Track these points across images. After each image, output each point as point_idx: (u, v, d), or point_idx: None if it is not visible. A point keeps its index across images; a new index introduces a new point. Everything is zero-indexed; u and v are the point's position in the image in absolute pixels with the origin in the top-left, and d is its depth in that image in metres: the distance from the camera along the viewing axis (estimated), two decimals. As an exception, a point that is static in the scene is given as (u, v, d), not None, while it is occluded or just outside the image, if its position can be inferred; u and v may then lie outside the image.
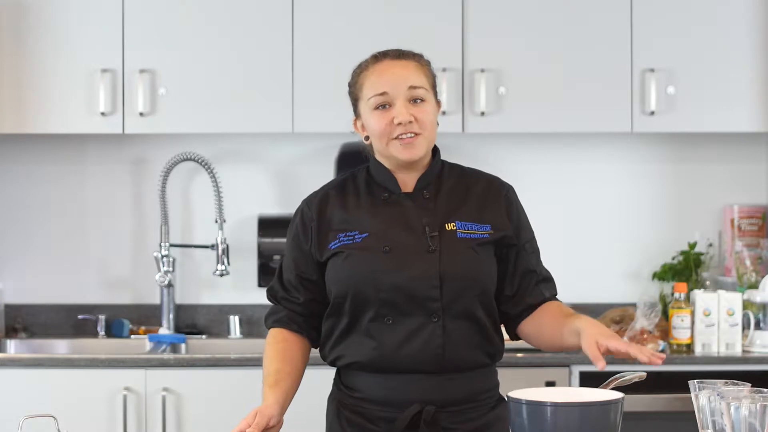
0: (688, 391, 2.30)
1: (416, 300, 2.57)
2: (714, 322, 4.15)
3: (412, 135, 2.62)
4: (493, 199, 2.75)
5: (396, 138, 2.63)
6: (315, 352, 2.83)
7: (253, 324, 4.60)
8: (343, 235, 2.64)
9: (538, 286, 2.72)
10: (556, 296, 2.75)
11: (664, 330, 4.22)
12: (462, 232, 2.66)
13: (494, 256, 2.67)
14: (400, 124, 2.61)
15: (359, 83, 2.70)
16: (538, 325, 2.68)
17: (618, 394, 2.27)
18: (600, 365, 2.38)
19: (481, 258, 2.65)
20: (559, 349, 2.65)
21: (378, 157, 2.72)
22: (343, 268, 2.61)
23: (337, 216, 2.68)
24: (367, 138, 2.72)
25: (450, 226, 2.66)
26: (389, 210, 2.67)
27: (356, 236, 2.63)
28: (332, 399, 2.78)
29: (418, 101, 2.64)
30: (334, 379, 2.79)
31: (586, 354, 2.41)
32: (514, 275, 2.69)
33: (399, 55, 2.71)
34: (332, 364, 2.75)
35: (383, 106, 2.64)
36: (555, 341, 2.62)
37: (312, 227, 2.68)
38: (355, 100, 2.74)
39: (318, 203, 2.71)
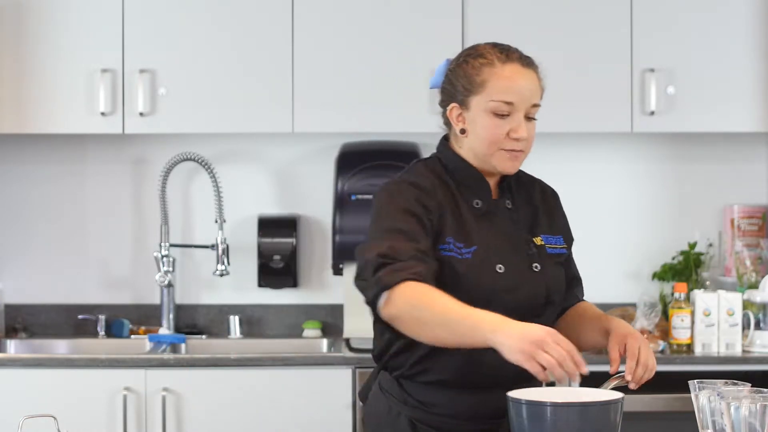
0: (688, 391, 2.30)
1: (524, 320, 2.35)
2: (714, 322, 4.15)
3: (520, 151, 2.54)
4: (554, 206, 2.73)
5: (504, 149, 2.53)
6: (314, 353, 2.81)
7: (253, 324, 4.60)
8: (453, 242, 2.50)
9: (575, 290, 2.72)
10: (584, 297, 2.77)
11: (664, 330, 4.22)
12: (549, 248, 2.62)
13: None
14: (516, 140, 2.52)
15: (482, 77, 2.53)
16: (569, 324, 2.66)
17: (618, 394, 2.27)
18: (612, 368, 2.47)
19: (564, 275, 2.64)
20: (585, 349, 2.58)
21: (464, 154, 2.59)
22: (454, 287, 2.43)
23: (446, 216, 2.53)
24: (462, 131, 2.56)
25: (538, 241, 2.61)
26: (488, 221, 2.56)
27: (463, 250, 2.50)
28: (395, 414, 2.57)
29: (532, 119, 2.55)
30: (393, 392, 2.59)
31: (608, 354, 2.49)
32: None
33: (526, 62, 2.58)
34: (405, 377, 2.56)
35: (503, 114, 2.52)
36: (587, 341, 2.61)
37: (435, 215, 2.50)
38: (466, 89, 2.55)
39: (434, 192, 2.53)
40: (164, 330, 4.50)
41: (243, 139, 4.61)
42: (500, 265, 2.50)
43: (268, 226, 4.53)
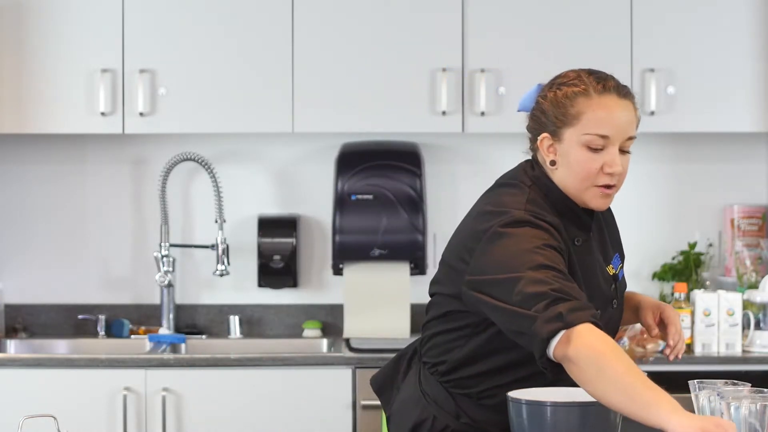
0: (688, 391, 2.30)
1: None
2: (714, 322, 4.15)
3: (613, 186, 2.45)
4: (613, 222, 2.66)
5: (597, 186, 2.44)
6: (314, 353, 2.81)
7: (253, 324, 4.60)
8: None
9: None
10: None
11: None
12: (621, 273, 2.58)
13: None
14: (611, 174, 2.43)
15: (577, 108, 2.43)
16: None
17: (618, 394, 2.27)
18: (654, 333, 2.58)
19: None
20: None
21: (560, 185, 2.48)
22: None
23: (565, 258, 2.40)
24: (553, 163, 2.47)
25: (611, 270, 2.54)
26: (585, 260, 2.46)
27: None
28: (442, 426, 2.53)
29: (626, 152, 2.47)
30: (444, 405, 2.54)
31: (642, 322, 2.60)
32: None
33: (623, 93, 2.46)
34: (468, 396, 2.52)
35: (597, 148, 2.42)
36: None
37: (564, 253, 2.39)
38: (558, 120, 2.45)
39: (560, 231, 2.42)
40: (164, 330, 4.50)
41: (243, 139, 4.61)
42: (598, 311, 2.40)
43: (268, 226, 4.53)
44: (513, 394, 2.27)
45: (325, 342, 4.43)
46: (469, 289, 2.40)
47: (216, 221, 4.47)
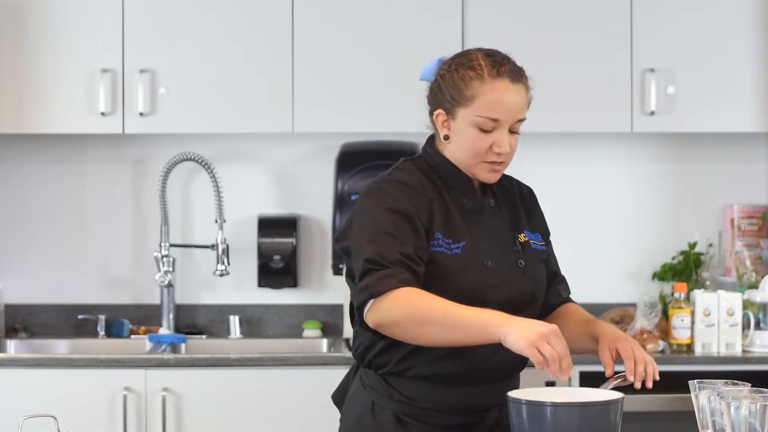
0: (688, 391, 2.30)
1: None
2: (714, 322, 4.15)
3: (501, 162, 2.56)
4: (532, 203, 2.75)
5: (486, 162, 2.56)
6: (314, 353, 2.81)
7: (253, 324, 4.60)
8: (442, 238, 2.52)
9: (558, 287, 2.73)
10: (570, 296, 2.77)
11: (664, 330, 4.22)
12: (533, 244, 2.65)
13: None
14: (499, 153, 2.54)
15: (471, 90, 2.54)
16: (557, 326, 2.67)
17: (618, 394, 2.28)
18: (608, 371, 2.50)
19: (545, 272, 2.67)
20: (574, 353, 2.56)
21: (449, 156, 2.62)
22: (444, 281, 2.48)
23: (435, 213, 2.55)
24: (446, 137, 2.61)
25: (522, 238, 2.63)
26: (475, 218, 2.58)
27: (452, 246, 2.52)
28: (380, 409, 2.58)
29: (515, 133, 2.57)
30: (378, 388, 2.59)
31: (600, 359, 2.53)
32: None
33: (516, 77, 2.57)
34: (390, 373, 2.57)
35: (488, 129, 2.54)
36: (574, 345, 2.59)
37: (424, 211, 2.52)
38: (453, 99, 2.58)
39: (423, 190, 2.56)
40: (164, 330, 4.50)
41: (243, 139, 4.61)
42: (488, 261, 2.53)
43: (268, 226, 4.53)
44: (513, 394, 2.27)
45: (325, 342, 4.44)
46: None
47: (216, 221, 4.47)
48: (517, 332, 2.26)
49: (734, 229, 4.57)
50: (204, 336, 4.53)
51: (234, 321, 4.54)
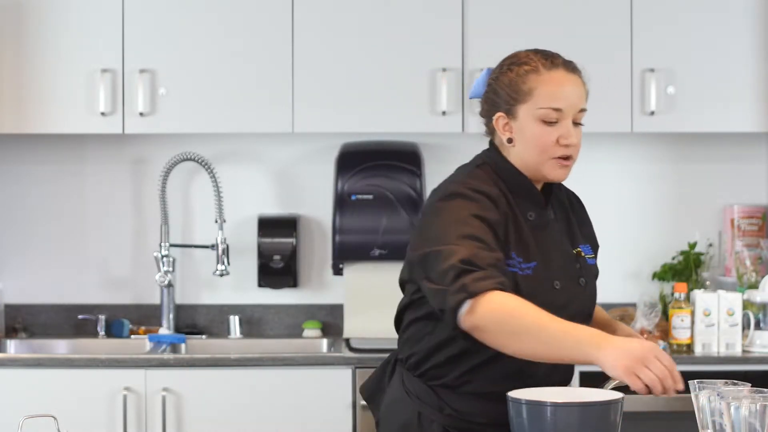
0: (688, 391, 2.30)
1: None
2: (714, 322, 4.15)
3: (569, 157, 2.51)
4: (582, 213, 2.72)
5: (555, 158, 2.50)
6: (314, 353, 2.81)
7: (253, 324, 4.60)
8: (515, 257, 2.45)
9: None
10: None
11: (664, 330, 4.22)
12: (588, 258, 2.62)
13: None
14: (567, 146, 2.49)
15: (528, 85, 2.50)
16: None
17: (618, 394, 2.27)
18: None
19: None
20: None
21: (516, 163, 2.54)
22: None
23: (509, 228, 2.47)
24: (510, 140, 2.53)
25: (579, 252, 2.59)
26: (541, 234, 2.52)
27: (523, 265, 2.46)
28: (428, 421, 2.54)
29: (579, 124, 2.52)
30: (427, 400, 2.55)
31: None
32: None
33: (571, 67, 2.55)
34: (445, 386, 2.52)
35: (552, 121, 2.49)
36: None
37: (502, 227, 2.45)
38: (512, 98, 2.51)
39: (500, 203, 2.47)
40: (164, 330, 4.50)
41: (243, 139, 4.61)
42: (557, 282, 2.49)
43: (268, 226, 4.53)
44: (513, 394, 2.27)
45: (325, 342, 4.44)
46: (413, 267, 2.47)
47: (216, 221, 4.47)
48: (613, 358, 2.17)
49: (734, 229, 4.57)
50: (204, 336, 4.53)
51: (234, 321, 4.54)
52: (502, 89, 2.53)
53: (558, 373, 2.44)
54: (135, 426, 3.98)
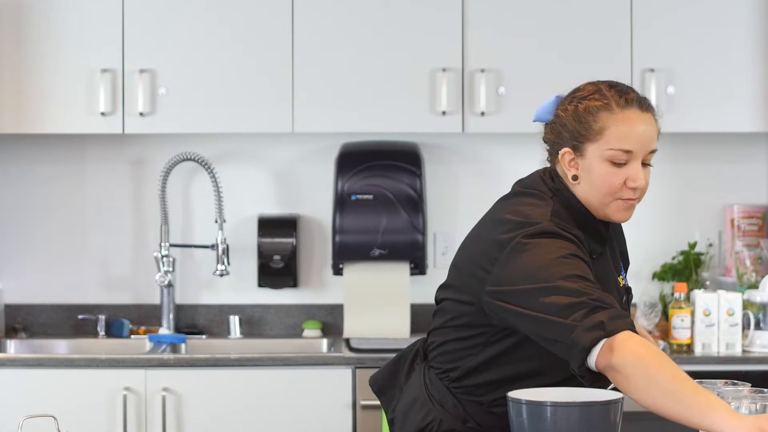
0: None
1: None
2: (714, 322, 4.15)
3: (635, 199, 2.45)
4: (620, 233, 2.66)
5: (620, 199, 2.44)
6: (314, 353, 2.81)
7: (253, 324, 4.60)
8: None
9: None
10: None
11: (664, 330, 4.22)
12: (628, 286, 2.58)
13: None
14: (634, 189, 2.42)
15: (600, 123, 2.42)
16: None
17: (618, 394, 2.27)
18: None
19: None
20: None
21: (581, 199, 2.47)
22: None
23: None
24: (575, 177, 2.46)
25: (622, 281, 2.55)
26: (603, 271, 2.46)
27: None
28: (449, 430, 2.54)
29: (648, 165, 2.45)
30: (451, 410, 2.55)
31: None
32: None
33: (645, 106, 2.44)
34: (476, 402, 2.52)
35: (621, 163, 2.42)
36: None
37: (589, 265, 2.37)
38: (581, 135, 2.44)
39: (583, 242, 2.41)
40: (164, 330, 4.50)
41: (243, 139, 4.61)
42: (633, 320, 2.41)
43: (268, 226, 4.53)
44: (513, 394, 2.27)
45: (325, 342, 4.43)
46: (493, 299, 2.38)
47: (216, 221, 4.47)
48: (746, 428, 2.03)
49: (734, 229, 4.57)
50: (204, 336, 4.53)
51: (234, 321, 4.54)
52: (571, 124, 2.46)
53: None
54: (135, 426, 3.98)
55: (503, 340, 2.45)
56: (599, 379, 2.26)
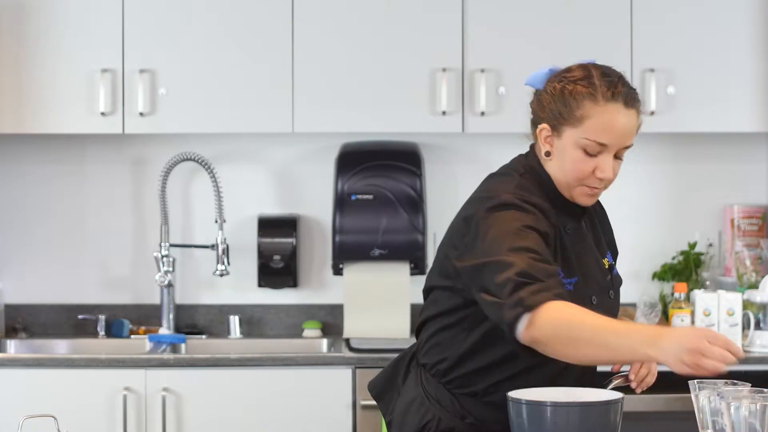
0: (688, 391, 2.30)
1: None
2: (714, 322, 4.15)
3: (599, 188, 2.49)
4: (605, 218, 2.68)
5: (586, 185, 2.48)
6: (314, 353, 2.81)
7: (253, 324, 4.60)
8: (560, 270, 2.41)
9: None
10: None
11: (664, 330, 4.21)
12: (615, 269, 2.59)
13: None
14: (600, 179, 2.46)
15: (583, 110, 2.43)
16: None
17: (618, 394, 2.28)
18: (615, 366, 2.50)
19: None
20: None
21: (552, 175, 2.51)
22: None
23: (557, 244, 2.45)
24: (548, 153, 2.49)
25: (606, 263, 2.57)
26: (577, 248, 2.49)
27: (565, 280, 2.41)
28: (447, 429, 2.53)
29: (619, 158, 2.48)
30: (448, 406, 2.55)
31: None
32: None
33: (631, 101, 2.45)
34: (471, 395, 2.53)
35: (593, 153, 2.44)
36: None
37: (551, 236, 2.42)
38: (562, 117, 2.46)
39: (548, 214, 2.45)
40: (164, 330, 4.50)
41: (243, 139, 4.61)
42: (594, 297, 2.47)
43: (268, 226, 4.53)
44: (513, 394, 2.27)
45: (325, 342, 4.44)
46: (462, 277, 2.43)
47: (216, 221, 4.47)
48: (671, 356, 2.13)
49: (734, 229, 4.57)
50: (204, 336, 4.53)
51: (234, 321, 4.54)
52: (554, 103, 2.48)
53: (586, 377, 2.43)
54: (135, 426, 3.98)
55: (485, 322, 2.45)
56: (538, 353, 2.30)
